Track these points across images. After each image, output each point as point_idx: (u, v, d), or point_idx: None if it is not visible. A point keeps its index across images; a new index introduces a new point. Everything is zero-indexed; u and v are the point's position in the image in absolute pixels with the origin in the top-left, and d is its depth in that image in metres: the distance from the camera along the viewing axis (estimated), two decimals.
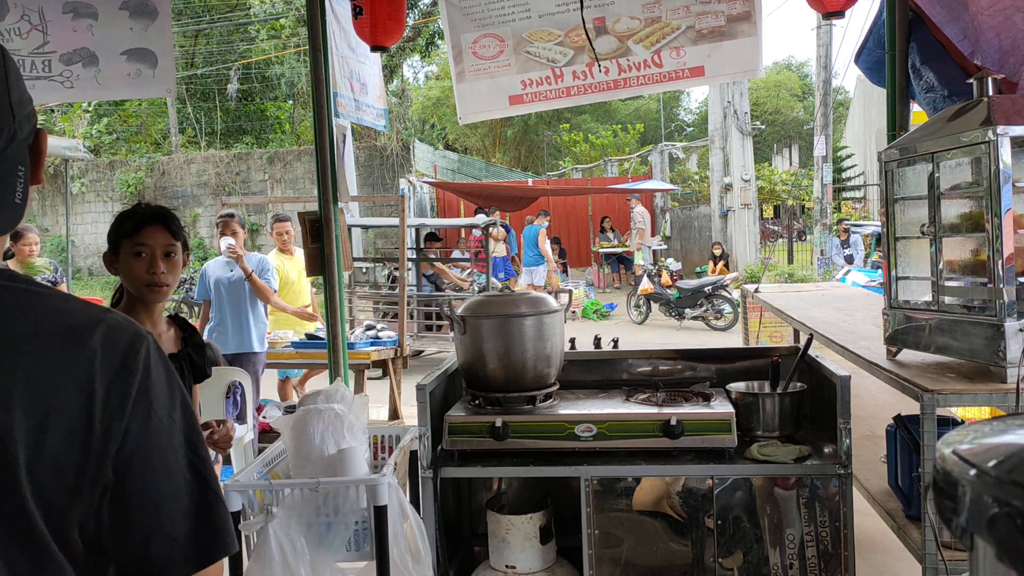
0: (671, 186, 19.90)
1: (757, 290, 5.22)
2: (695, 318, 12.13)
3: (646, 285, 12.65)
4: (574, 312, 13.16)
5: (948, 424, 2.48)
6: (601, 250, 18.06)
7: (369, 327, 6.64)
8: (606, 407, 2.67)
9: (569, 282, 15.20)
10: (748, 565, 2.49)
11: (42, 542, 0.86)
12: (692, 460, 2.50)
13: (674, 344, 8.09)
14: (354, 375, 5.85)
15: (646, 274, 12.99)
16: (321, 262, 4.09)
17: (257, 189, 18.60)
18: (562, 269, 16.23)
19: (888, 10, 3.61)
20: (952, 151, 2.33)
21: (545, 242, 14.00)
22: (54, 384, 0.88)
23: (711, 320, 12.11)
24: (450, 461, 2.61)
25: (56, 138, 12.70)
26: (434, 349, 9.86)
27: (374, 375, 7.59)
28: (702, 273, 14.95)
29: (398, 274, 7.02)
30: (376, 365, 6.28)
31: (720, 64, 4.01)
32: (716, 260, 15.40)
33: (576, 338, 3.27)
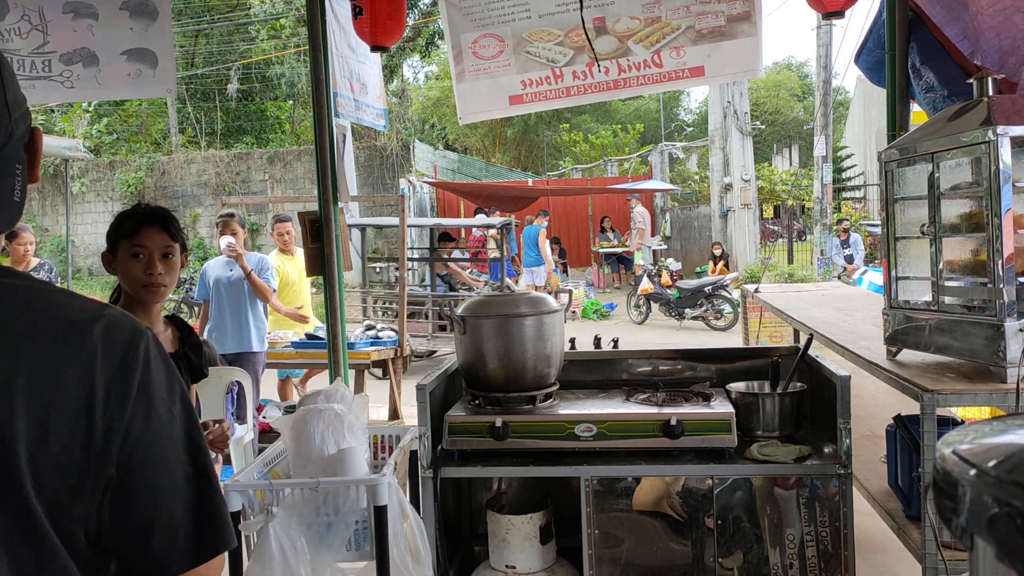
0: (671, 186, 19.90)
1: (757, 290, 5.22)
2: (695, 318, 12.13)
3: (646, 285, 12.65)
4: (574, 312, 13.16)
5: (948, 424, 2.48)
6: (601, 250, 18.06)
7: (369, 327, 6.64)
8: (606, 407, 2.67)
9: (569, 282, 15.19)
10: (748, 565, 2.49)
11: (46, 538, 0.86)
12: (692, 460, 2.50)
13: (674, 344, 8.09)
14: (354, 375, 5.85)
15: (646, 274, 12.99)
16: (321, 262, 4.09)
17: (257, 189, 18.60)
18: (562, 269, 16.23)
19: (888, 10, 3.61)
20: (952, 151, 2.33)
21: (545, 242, 14.00)
22: (55, 380, 0.88)
23: (711, 320, 12.12)
24: (450, 461, 2.61)
25: (56, 138, 12.70)
26: (448, 350, 9.87)
27: (376, 372, 7.60)
28: (702, 273, 14.96)
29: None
30: (376, 365, 6.28)
31: (720, 64, 4.01)
32: (716, 260, 15.41)
33: (576, 338, 3.27)
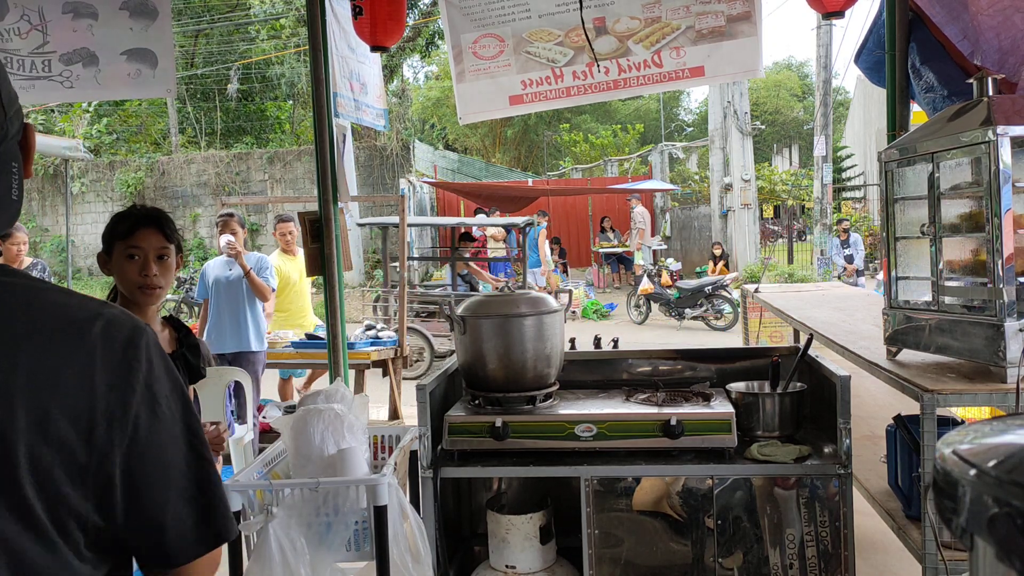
0: (671, 186, 19.89)
1: (757, 290, 5.23)
2: (695, 318, 12.13)
3: (646, 285, 12.65)
4: (574, 312, 13.15)
5: (948, 424, 2.48)
6: (601, 250, 18.06)
7: (369, 327, 6.64)
8: (606, 407, 2.67)
9: (569, 282, 15.19)
10: (748, 565, 2.49)
11: (46, 537, 0.86)
12: (692, 460, 2.50)
13: (674, 344, 8.09)
14: (354, 375, 5.85)
15: (646, 274, 12.99)
16: (321, 262, 4.09)
17: (257, 189, 18.59)
18: (562, 269, 16.23)
19: (888, 10, 3.61)
20: (952, 151, 2.33)
21: (544, 243, 13.99)
22: (55, 379, 0.88)
23: (711, 320, 12.12)
24: (450, 461, 2.61)
25: (56, 138, 12.70)
26: None
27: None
28: (702, 273, 14.95)
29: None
30: (376, 365, 6.28)
31: (720, 64, 4.01)
32: (716, 260, 15.41)
33: (576, 338, 3.27)
